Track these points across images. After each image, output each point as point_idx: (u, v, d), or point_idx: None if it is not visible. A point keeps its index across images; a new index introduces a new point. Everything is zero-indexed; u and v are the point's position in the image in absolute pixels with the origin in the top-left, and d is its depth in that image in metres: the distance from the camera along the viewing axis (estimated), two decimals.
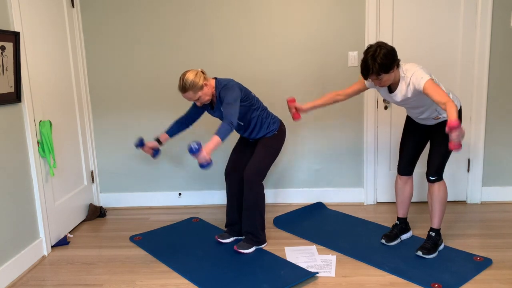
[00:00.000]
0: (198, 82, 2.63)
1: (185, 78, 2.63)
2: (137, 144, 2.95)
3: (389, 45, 2.41)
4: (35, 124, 2.91)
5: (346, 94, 2.82)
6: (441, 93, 2.32)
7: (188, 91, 2.64)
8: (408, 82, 2.48)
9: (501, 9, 3.40)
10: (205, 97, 2.70)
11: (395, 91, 2.56)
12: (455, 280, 2.42)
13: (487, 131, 3.60)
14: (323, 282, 2.49)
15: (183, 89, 2.64)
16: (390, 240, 2.92)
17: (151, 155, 3.02)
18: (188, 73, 2.65)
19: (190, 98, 2.68)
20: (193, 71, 2.66)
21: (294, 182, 3.83)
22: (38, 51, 3.02)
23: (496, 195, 3.70)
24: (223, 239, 3.05)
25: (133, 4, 3.58)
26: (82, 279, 2.64)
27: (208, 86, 2.69)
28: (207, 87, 2.68)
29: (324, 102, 2.87)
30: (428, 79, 2.39)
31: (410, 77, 2.45)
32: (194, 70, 2.67)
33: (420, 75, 2.41)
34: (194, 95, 2.66)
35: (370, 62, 2.37)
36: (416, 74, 2.43)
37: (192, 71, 2.66)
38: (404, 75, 2.49)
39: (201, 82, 2.64)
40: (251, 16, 3.56)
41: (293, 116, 2.92)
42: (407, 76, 2.47)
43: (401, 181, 2.92)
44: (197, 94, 2.66)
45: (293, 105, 2.89)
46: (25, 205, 2.81)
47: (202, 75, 2.66)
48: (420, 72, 2.43)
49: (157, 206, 3.92)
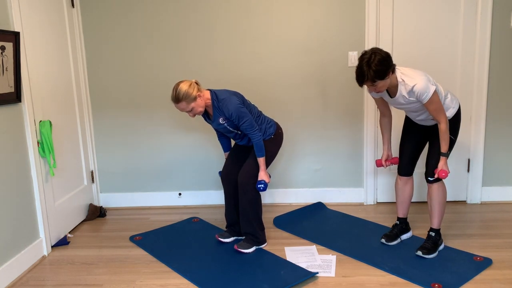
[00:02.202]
0: (192, 93, 2.62)
1: (178, 88, 2.61)
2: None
3: (383, 51, 2.40)
4: (35, 124, 2.91)
5: (384, 112, 2.83)
6: (440, 112, 2.49)
7: (181, 101, 2.62)
8: (409, 90, 2.47)
9: (501, 9, 3.40)
10: (198, 109, 2.68)
11: (396, 96, 2.56)
12: (455, 280, 2.43)
13: (487, 131, 3.60)
14: (323, 282, 2.49)
15: (176, 99, 2.63)
16: (390, 240, 2.92)
17: None
18: (182, 83, 2.63)
19: (183, 109, 2.66)
20: (187, 82, 2.65)
21: (294, 182, 3.83)
22: (38, 51, 3.02)
23: (496, 195, 3.70)
24: (223, 238, 3.05)
25: (133, 4, 3.58)
26: (82, 279, 2.64)
27: (202, 98, 2.68)
28: (200, 99, 2.67)
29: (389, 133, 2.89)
30: (432, 93, 2.43)
31: (413, 86, 2.44)
32: (188, 81, 2.66)
33: (425, 87, 2.43)
34: (187, 105, 2.64)
35: (365, 69, 2.36)
36: (421, 85, 2.43)
37: (186, 81, 2.65)
38: (402, 81, 2.48)
39: (195, 93, 2.63)
40: (251, 16, 3.56)
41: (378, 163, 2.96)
42: (407, 83, 2.46)
43: (401, 182, 2.92)
44: (190, 105, 2.64)
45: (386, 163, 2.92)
46: (25, 205, 2.81)
47: (196, 86, 2.65)
48: (424, 82, 2.43)
49: (157, 206, 3.93)
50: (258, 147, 2.75)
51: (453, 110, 2.65)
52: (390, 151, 2.92)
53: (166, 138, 3.80)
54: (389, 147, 2.91)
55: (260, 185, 2.78)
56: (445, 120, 2.52)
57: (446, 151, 2.58)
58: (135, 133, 3.80)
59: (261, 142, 2.75)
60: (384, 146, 2.91)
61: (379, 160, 2.93)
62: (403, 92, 2.51)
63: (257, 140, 2.74)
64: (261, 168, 2.80)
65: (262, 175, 2.79)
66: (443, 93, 2.60)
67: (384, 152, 2.91)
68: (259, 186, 2.78)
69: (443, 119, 2.52)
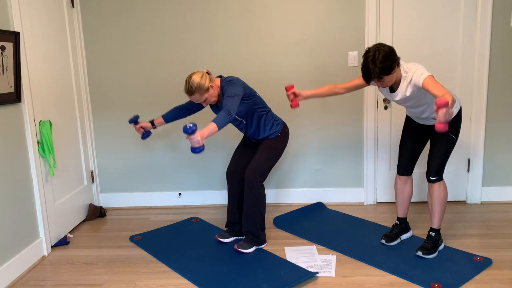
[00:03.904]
0: (204, 84, 2.63)
1: (191, 80, 2.62)
2: (130, 120, 3.01)
3: (387, 45, 2.40)
4: (35, 124, 2.91)
5: (345, 88, 2.80)
6: (440, 88, 2.30)
7: (195, 93, 2.64)
8: (409, 81, 2.48)
9: (501, 9, 3.40)
10: (212, 98, 2.71)
11: (397, 91, 2.56)
12: (455, 280, 2.43)
13: (487, 131, 3.60)
14: (323, 282, 2.49)
15: (189, 91, 2.64)
16: (390, 240, 2.92)
17: (142, 134, 3.06)
18: (194, 75, 2.64)
19: (197, 100, 2.69)
20: (199, 73, 2.65)
21: (294, 182, 3.83)
22: (38, 51, 3.02)
23: (496, 195, 3.70)
24: (223, 239, 3.05)
25: (133, 4, 3.58)
26: (82, 279, 2.64)
27: (214, 87, 2.69)
28: (213, 89, 2.69)
29: (323, 92, 2.83)
30: (428, 75, 2.39)
31: (412, 76, 2.45)
32: (200, 72, 2.66)
33: (420, 71, 2.42)
34: (200, 97, 2.66)
35: (370, 67, 2.36)
36: (417, 72, 2.43)
37: (198, 73, 2.66)
38: (405, 75, 2.49)
39: (207, 84, 2.64)
40: (251, 16, 3.56)
41: (291, 103, 2.82)
42: (408, 76, 2.47)
43: (401, 181, 2.92)
44: (203, 96, 2.66)
45: (292, 91, 2.80)
46: (25, 205, 2.81)
47: (207, 77, 2.66)
48: (420, 69, 2.43)
49: (157, 206, 3.93)
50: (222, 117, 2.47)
51: (455, 110, 2.64)
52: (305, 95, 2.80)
53: (166, 138, 3.80)
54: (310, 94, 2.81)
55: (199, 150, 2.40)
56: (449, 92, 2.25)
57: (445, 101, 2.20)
58: (135, 133, 3.80)
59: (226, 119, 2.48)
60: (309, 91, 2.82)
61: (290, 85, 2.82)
62: (404, 86, 2.51)
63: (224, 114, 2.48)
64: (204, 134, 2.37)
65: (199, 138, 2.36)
66: None
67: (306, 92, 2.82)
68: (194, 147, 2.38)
69: (445, 91, 2.25)
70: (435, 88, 2.30)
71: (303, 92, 2.82)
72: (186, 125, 2.34)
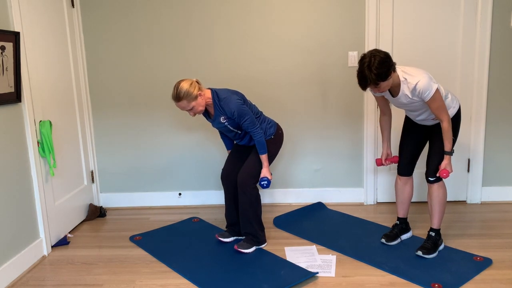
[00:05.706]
0: (193, 92, 2.62)
1: (179, 87, 2.61)
2: None
3: (382, 51, 2.40)
4: (35, 124, 2.91)
5: (384, 110, 2.84)
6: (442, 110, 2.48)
7: (182, 100, 2.62)
8: (412, 88, 2.47)
9: (501, 9, 3.40)
10: (199, 108, 2.68)
11: (398, 95, 2.56)
12: (455, 280, 2.43)
13: (487, 131, 3.60)
14: (323, 282, 2.49)
15: (177, 98, 2.63)
16: (390, 240, 2.92)
17: None
18: (183, 82, 2.63)
19: (183, 107, 2.66)
20: (188, 81, 2.65)
21: (294, 182, 3.83)
22: (38, 51, 3.02)
23: (496, 195, 3.70)
24: (223, 238, 3.05)
25: (133, 4, 3.58)
26: (82, 279, 2.64)
27: (203, 97, 2.68)
28: (201, 97, 2.67)
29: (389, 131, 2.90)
30: (435, 91, 2.44)
31: (415, 84, 2.45)
32: (189, 80, 2.66)
33: (428, 85, 2.43)
34: (188, 104, 2.64)
35: (366, 73, 2.36)
36: (423, 83, 2.43)
37: (187, 80, 2.65)
38: (404, 79, 2.49)
39: (196, 92, 2.63)
40: (251, 16, 3.55)
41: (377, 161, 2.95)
42: (410, 82, 2.47)
43: (401, 182, 2.92)
44: (190, 103, 2.64)
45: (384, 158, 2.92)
46: (25, 205, 2.81)
47: (196, 85, 2.65)
48: (426, 79, 2.43)
49: (157, 206, 3.92)
50: (260, 144, 2.76)
51: (453, 110, 2.65)
52: (390, 150, 2.92)
53: (166, 138, 3.80)
54: (388, 145, 2.91)
55: (264, 182, 2.79)
56: (448, 118, 2.52)
57: (450, 150, 2.57)
58: (135, 133, 3.80)
59: (262, 140, 2.76)
60: (384, 145, 2.91)
61: (379, 159, 2.94)
62: (405, 91, 2.51)
63: (259, 138, 2.75)
64: (264, 165, 2.81)
65: (265, 172, 2.81)
66: (443, 93, 2.60)
67: (384, 150, 2.92)
68: (262, 183, 2.79)
69: (445, 117, 2.52)
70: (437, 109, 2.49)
71: (388, 151, 2.91)
72: (262, 184, 2.79)
